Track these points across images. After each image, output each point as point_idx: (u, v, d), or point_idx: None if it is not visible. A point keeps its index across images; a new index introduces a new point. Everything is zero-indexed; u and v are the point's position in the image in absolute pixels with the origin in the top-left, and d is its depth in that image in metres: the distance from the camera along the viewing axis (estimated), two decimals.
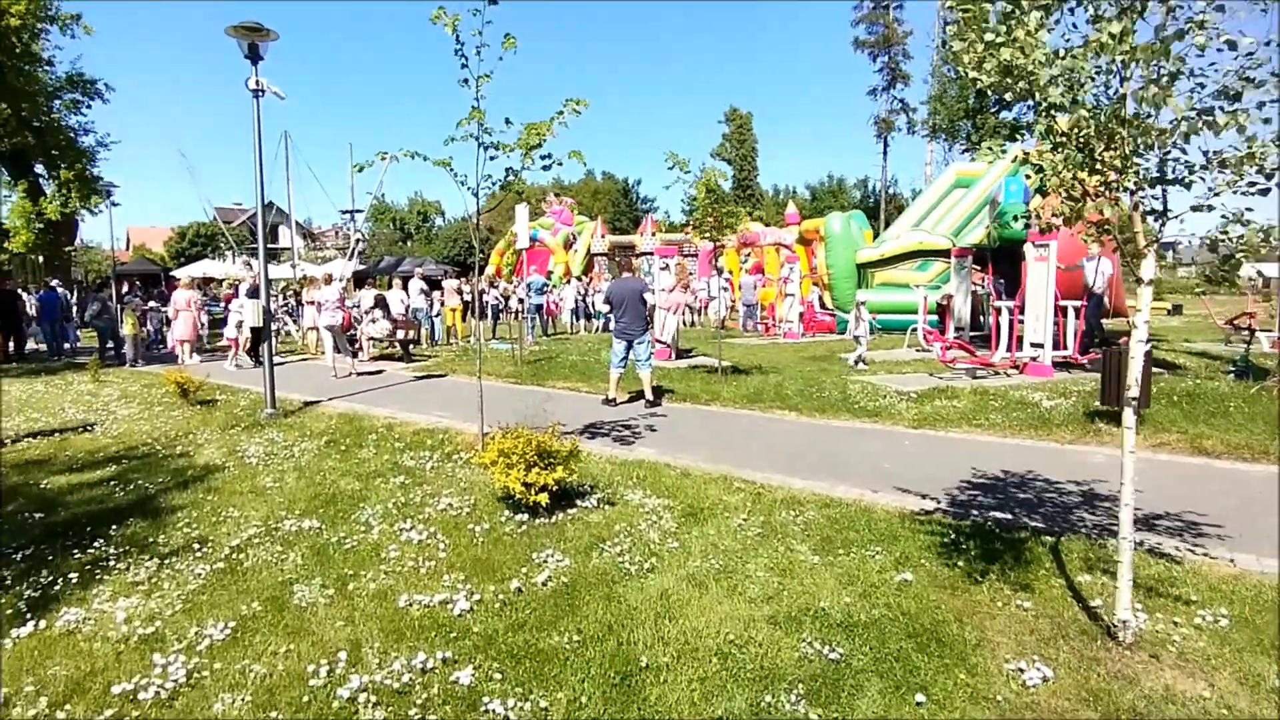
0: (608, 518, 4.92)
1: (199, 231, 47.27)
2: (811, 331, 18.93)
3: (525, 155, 5.46)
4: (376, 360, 14.29)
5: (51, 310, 17.12)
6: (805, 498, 5.33)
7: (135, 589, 3.92)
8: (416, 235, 59.61)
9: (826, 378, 10.81)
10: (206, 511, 5.18)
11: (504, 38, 5.21)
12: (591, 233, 30.78)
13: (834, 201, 50.63)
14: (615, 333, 8.97)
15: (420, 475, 5.99)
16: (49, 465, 6.64)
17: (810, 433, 7.68)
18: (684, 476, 5.91)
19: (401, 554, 4.32)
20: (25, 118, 21.14)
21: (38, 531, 4.84)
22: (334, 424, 8.17)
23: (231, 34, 8.43)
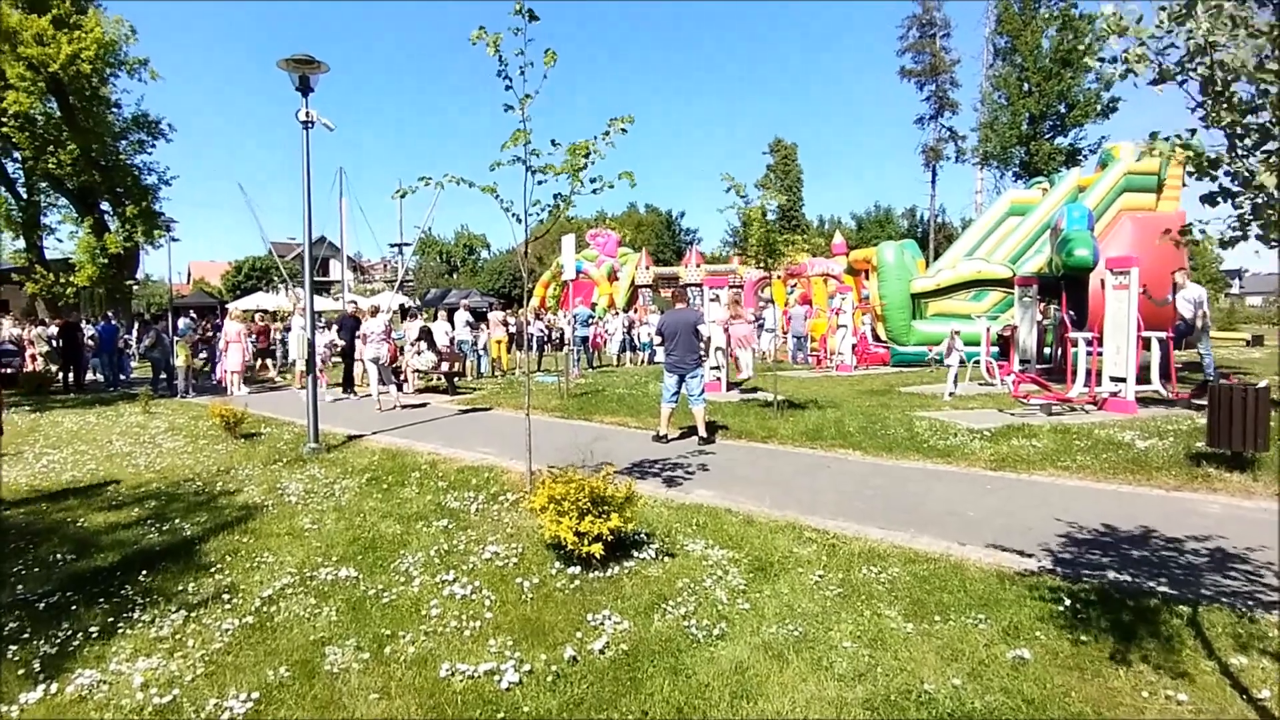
0: (668, 572, 4.46)
1: (254, 265, 48.70)
2: (865, 364, 18.27)
3: (574, 177, 5.15)
4: (422, 393, 14.14)
5: (109, 342, 17.48)
6: (885, 551, 4.80)
7: (158, 646, 3.60)
8: (462, 268, 60.50)
9: (889, 413, 10.22)
10: (240, 556, 4.88)
11: (545, 53, 4.92)
12: (635, 264, 30.65)
13: (881, 231, 49.82)
14: (667, 366, 8.57)
15: (465, 519, 5.62)
16: (91, 501, 6.46)
17: (878, 474, 7.12)
18: (748, 524, 5.43)
19: (444, 611, 3.93)
20: (93, 157, 21.93)
21: (66, 576, 4.58)
22: (377, 460, 7.89)
23: (283, 67, 8.43)
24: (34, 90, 19.96)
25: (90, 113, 21.86)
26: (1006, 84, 31.43)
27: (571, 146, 5.10)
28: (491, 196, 5.17)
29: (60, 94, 20.77)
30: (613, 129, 5.33)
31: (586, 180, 5.19)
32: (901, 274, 18.59)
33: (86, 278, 22.60)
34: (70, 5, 20.41)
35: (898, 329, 18.48)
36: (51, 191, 23.46)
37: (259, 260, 48.57)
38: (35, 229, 23.43)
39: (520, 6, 4.79)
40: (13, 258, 24.40)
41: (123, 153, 23.41)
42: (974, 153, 35.96)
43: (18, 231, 23.25)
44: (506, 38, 4.91)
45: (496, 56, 4.95)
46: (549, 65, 4.94)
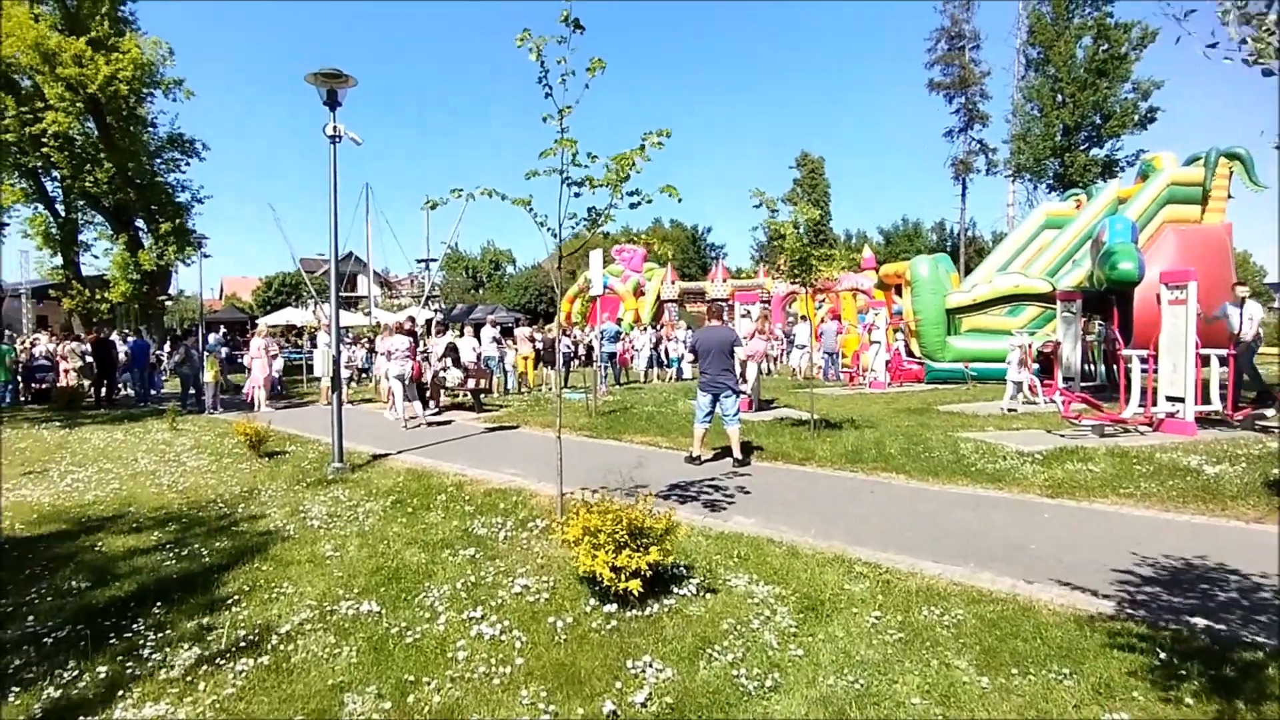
0: (711, 610, 4.14)
1: (284, 281, 49.31)
2: (898, 381, 17.80)
3: (615, 190, 4.90)
4: (448, 409, 13.96)
5: (141, 357, 17.61)
6: (945, 589, 4.44)
7: (166, 692, 3.35)
8: (488, 283, 60.79)
9: (930, 434, 9.80)
10: (259, 586, 4.65)
11: (590, 62, 4.70)
12: (661, 279, 30.44)
13: (909, 245, 49.20)
14: (700, 385, 8.25)
15: (492, 547, 5.34)
16: (112, 525, 6.29)
17: (925, 500, 6.73)
18: (792, 556, 5.09)
19: (471, 653, 3.64)
20: (129, 176, 22.27)
21: (79, 608, 4.38)
22: (402, 481, 7.67)
23: (311, 81, 8.34)
24: (72, 110, 20.34)
25: (127, 132, 22.23)
26: (1039, 95, 30.88)
27: (616, 157, 4.86)
28: (524, 209, 4.94)
29: (98, 114, 21.13)
30: (648, 142, 5.08)
31: (625, 193, 4.94)
32: (936, 289, 18.12)
33: (120, 294, 22.91)
34: (108, 27, 20.80)
35: (932, 345, 18.00)
36: (88, 209, 23.87)
37: (289, 276, 49.24)
38: (72, 246, 23.85)
39: (566, 14, 4.60)
40: (50, 274, 24.81)
41: (157, 171, 23.77)
42: (1006, 165, 35.34)
43: (56, 248, 23.67)
44: (549, 45, 4.71)
45: (539, 63, 4.74)
46: (592, 75, 4.72)
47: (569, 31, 4.67)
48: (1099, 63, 29.23)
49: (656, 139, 5.09)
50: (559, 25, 4.65)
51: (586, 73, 4.70)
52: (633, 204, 5.08)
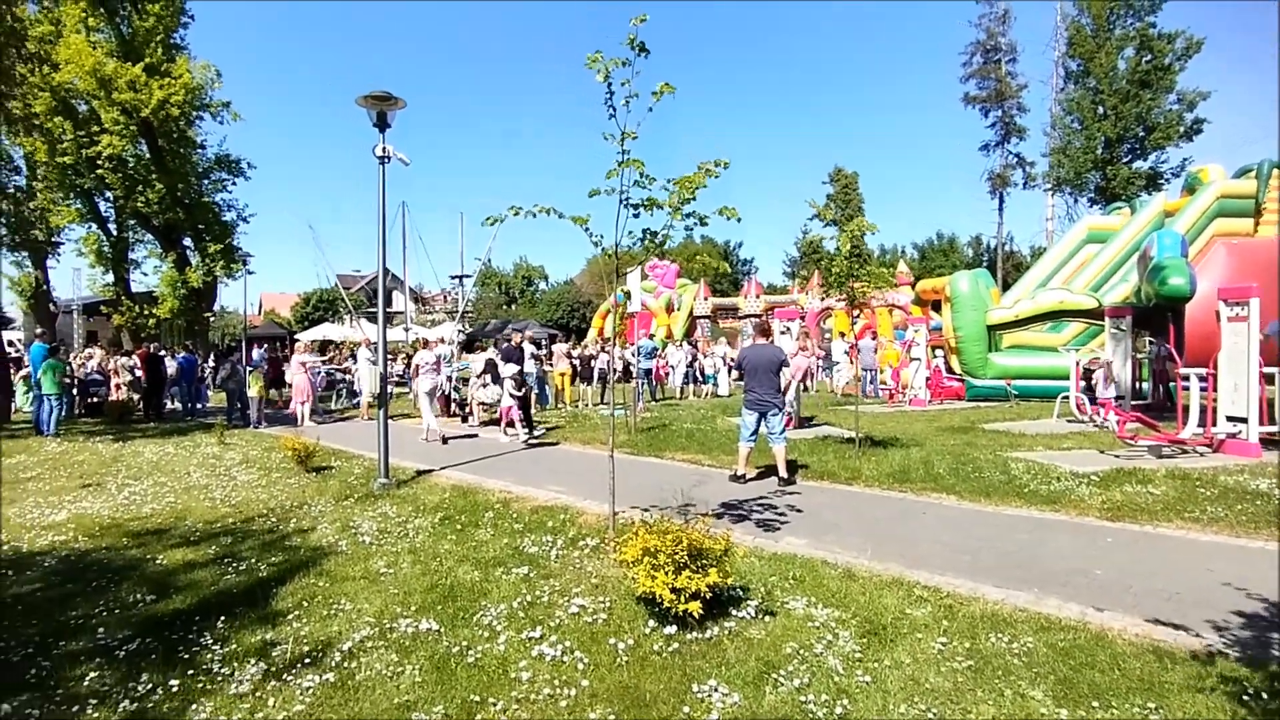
0: (772, 634, 4.08)
1: (321, 297, 50.29)
2: (939, 398, 17.53)
3: (674, 212, 4.91)
4: (486, 425, 14.05)
5: (189, 372, 18.05)
6: (1011, 615, 4.32)
7: (237, 706, 3.39)
8: (521, 299, 61.31)
9: (977, 453, 9.63)
10: (317, 602, 4.69)
11: (658, 87, 4.74)
12: (694, 295, 30.43)
13: (945, 261, 48.63)
14: (746, 403, 8.19)
15: (545, 566, 5.34)
16: (167, 537, 6.42)
17: (980, 523, 6.58)
18: (849, 578, 5.00)
19: (534, 674, 3.63)
20: (178, 196, 22.96)
21: (145, 620, 4.46)
22: (448, 497, 7.71)
23: (361, 104, 8.50)
24: (126, 134, 21.07)
25: (177, 154, 22.95)
26: (1079, 107, 30.39)
27: (679, 181, 4.88)
28: (581, 228, 4.98)
29: (150, 136, 21.86)
30: (706, 171, 5.08)
31: (683, 215, 4.96)
32: (976, 304, 17.87)
33: (168, 310, 23.55)
34: (161, 53, 21.54)
35: (973, 362, 17.72)
36: (139, 228, 24.64)
37: (326, 292, 50.19)
38: (123, 264, 24.61)
39: (632, 38, 4.65)
40: (102, 291, 25.59)
41: (205, 191, 24.47)
42: (1045, 179, 34.77)
43: (107, 266, 24.44)
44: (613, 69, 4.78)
45: (606, 84, 4.79)
46: (657, 99, 4.76)
47: (634, 55, 4.72)
48: (1142, 74, 28.68)
49: (713, 168, 5.09)
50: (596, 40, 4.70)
51: (653, 97, 4.73)
52: (688, 226, 5.09)
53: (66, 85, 20.38)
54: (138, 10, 21.55)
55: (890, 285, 9.16)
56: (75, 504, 7.74)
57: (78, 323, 32.95)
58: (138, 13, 21.52)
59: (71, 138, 20.94)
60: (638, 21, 4.82)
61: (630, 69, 4.74)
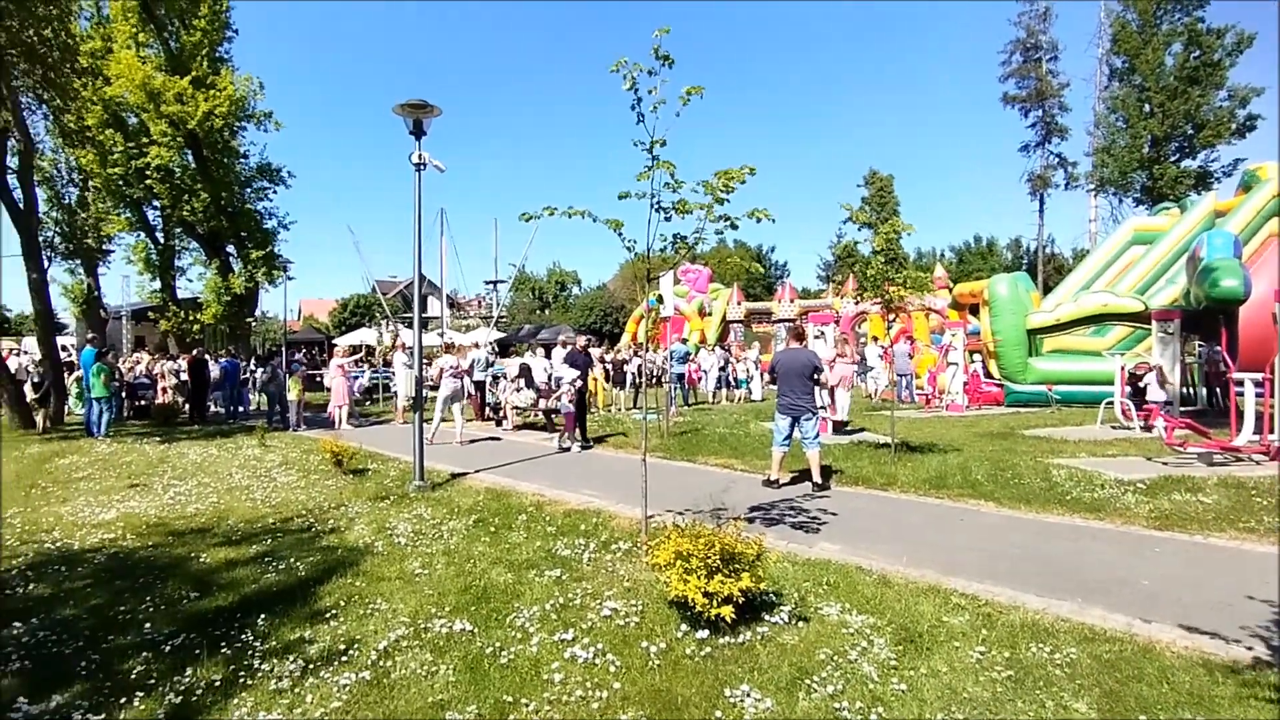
0: (805, 640, 4.04)
1: (358, 302, 51.22)
2: (977, 404, 17.21)
3: (707, 213, 4.91)
4: (520, 429, 14.16)
5: (232, 376, 18.52)
6: (1052, 624, 4.21)
7: (278, 701, 3.46)
8: (554, 304, 61.71)
9: (1017, 459, 9.43)
10: (353, 601, 4.77)
11: (683, 92, 4.75)
12: (727, 299, 30.32)
13: (983, 264, 47.76)
14: (779, 408, 8.14)
15: (577, 569, 5.35)
16: (210, 536, 6.59)
17: (1019, 530, 6.43)
18: (884, 585, 4.93)
19: (566, 676, 3.64)
20: (222, 204, 23.57)
21: (189, 616, 4.58)
22: (481, 500, 7.79)
23: (398, 112, 8.65)
24: (173, 145, 21.69)
25: (221, 163, 23.55)
26: (1125, 105, 29.61)
27: (711, 181, 4.88)
28: (615, 232, 4.99)
29: (196, 147, 22.48)
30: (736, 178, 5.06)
31: (717, 217, 4.96)
32: (1016, 308, 17.51)
33: (212, 315, 24.16)
34: (207, 67, 22.16)
35: (1013, 367, 17.36)
36: (185, 236, 25.33)
37: (363, 298, 51.13)
38: (169, 271, 25.32)
39: (656, 49, 4.69)
40: (149, 297, 26.36)
41: (247, 199, 25.07)
42: (1088, 179, 33.93)
43: (155, 273, 25.17)
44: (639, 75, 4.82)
45: (632, 91, 4.82)
46: (684, 104, 4.78)
47: (659, 65, 4.75)
48: (1190, 70, 27.85)
49: (742, 174, 5.07)
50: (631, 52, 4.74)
51: (680, 102, 4.75)
52: (718, 230, 5.08)
53: (117, 99, 21.07)
54: (184, 25, 22.21)
55: (927, 289, 9.01)
56: (124, 503, 7.98)
57: (126, 328, 33.96)
58: (184, 28, 22.18)
59: (122, 149, 21.64)
60: (661, 33, 4.84)
61: (656, 78, 4.77)
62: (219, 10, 22.60)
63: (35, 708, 3.43)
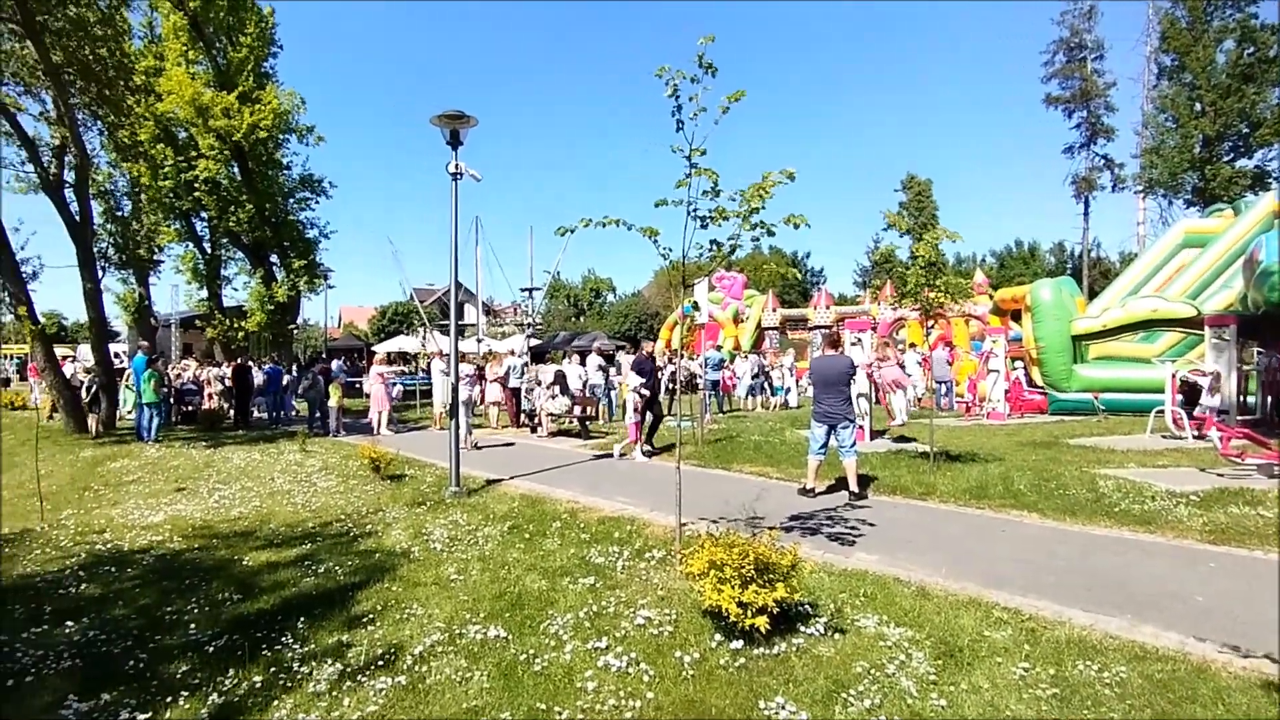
0: (841, 652, 3.96)
1: (397, 310, 52.09)
2: (1019, 412, 16.80)
3: (744, 222, 4.88)
4: (554, 436, 14.23)
5: (275, 382, 18.95)
6: (1100, 641, 4.07)
7: (315, 704, 3.51)
8: (589, 311, 62.00)
9: (1062, 469, 9.17)
10: (390, 606, 4.82)
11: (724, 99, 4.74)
12: (762, 306, 30.11)
13: (1025, 269, 46.76)
14: (815, 415, 8.04)
15: (611, 576, 5.34)
16: (253, 539, 6.73)
17: (1064, 542, 6.24)
18: (922, 597, 4.83)
19: (599, 685, 3.63)
20: (266, 215, 24.20)
21: (232, 618, 4.68)
22: (516, 506, 7.83)
23: (435, 123, 8.78)
24: (220, 158, 22.35)
25: (265, 175, 24.19)
26: (1174, 105, 28.72)
27: (754, 186, 4.85)
28: (650, 239, 4.99)
29: (241, 160, 23.12)
30: (772, 182, 5.03)
31: (752, 224, 4.93)
32: (1060, 314, 17.06)
33: (255, 323, 24.78)
34: (252, 82, 22.81)
35: (1057, 374, 16.91)
36: (230, 246, 26.05)
37: (401, 305, 52.00)
38: (216, 280, 26.06)
39: (700, 56, 4.70)
40: (197, 305, 27.14)
41: (290, 210, 25.70)
42: (1135, 181, 32.99)
43: (202, 282, 25.92)
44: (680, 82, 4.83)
45: (673, 98, 4.84)
46: (724, 112, 4.77)
47: (702, 73, 4.75)
48: (1244, 67, 26.90)
49: (780, 177, 5.02)
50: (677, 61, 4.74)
51: (720, 110, 4.74)
52: (754, 237, 5.04)
53: (168, 114, 21.77)
54: (232, 42, 22.92)
55: (966, 295, 8.83)
56: (171, 506, 8.21)
57: (175, 335, 35.05)
58: (231, 44, 22.89)
59: (172, 163, 22.37)
60: (705, 41, 4.84)
61: (699, 85, 4.77)
62: (264, 27, 23.27)
63: (85, 705, 3.54)
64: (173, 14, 21.68)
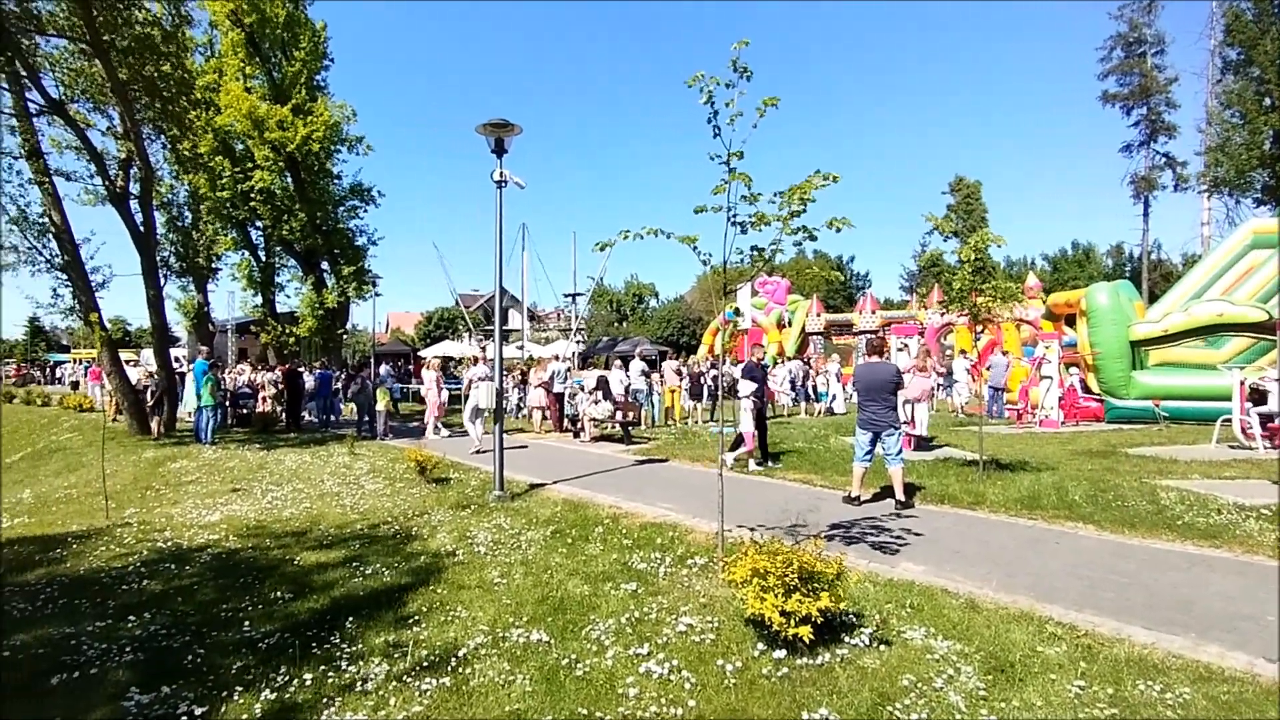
0: (886, 664, 3.89)
1: (443, 315, 53.00)
2: (1073, 419, 16.27)
3: (784, 224, 4.85)
4: (597, 440, 14.29)
5: (325, 387, 19.45)
6: (1163, 661, 3.91)
7: (363, 703, 3.58)
8: (632, 316, 62.18)
9: (1120, 480, 8.86)
10: (435, 608, 4.90)
11: (762, 102, 4.71)
12: (806, 311, 29.82)
13: (1080, 272, 45.39)
14: (860, 423, 7.91)
15: (653, 583, 5.34)
16: (304, 540, 6.91)
17: (1124, 556, 6.02)
18: (972, 609, 4.70)
19: (641, 691, 3.62)
20: (317, 223, 24.89)
21: (284, 616, 4.81)
22: (559, 511, 7.88)
23: (481, 131, 8.92)
24: (274, 169, 23.08)
25: (316, 185, 24.90)
26: (1241, 100, 27.47)
27: (792, 189, 4.82)
28: (690, 247, 4.99)
29: (294, 170, 23.84)
30: (815, 185, 4.97)
31: (793, 228, 4.89)
32: (1118, 319, 16.50)
33: (307, 329, 25.48)
34: (305, 94, 23.52)
35: (1114, 381, 16.35)
36: (284, 254, 26.86)
37: (447, 311, 52.91)
38: (270, 287, 26.89)
39: (734, 61, 4.69)
40: (252, 311, 28.03)
41: (340, 219, 26.39)
42: (1199, 179, 31.67)
43: (257, 289, 26.78)
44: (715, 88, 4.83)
45: (709, 104, 4.83)
46: (761, 115, 4.75)
47: (737, 78, 4.73)
48: None
49: (821, 181, 4.96)
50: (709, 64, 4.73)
51: (757, 113, 4.72)
52: (797, 242, 5.00)
53: (226, 127, 22.60)
54: (286, 57, 23.69)
55: (1016, 299, 8.60)
56: (226, 506, 8.49)
57: (231, 341, 36.26)
58: (286, 59, 23.66)
59: (229, 174, 23.18)
60: (739, 46, 4.82)
61: (734, 90, 4.75)
62: (317, 41, 23.98)
63: (146, 697, 3.67)
64: (231, 31, 22.48)
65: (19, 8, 13.51)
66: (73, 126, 15.53)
